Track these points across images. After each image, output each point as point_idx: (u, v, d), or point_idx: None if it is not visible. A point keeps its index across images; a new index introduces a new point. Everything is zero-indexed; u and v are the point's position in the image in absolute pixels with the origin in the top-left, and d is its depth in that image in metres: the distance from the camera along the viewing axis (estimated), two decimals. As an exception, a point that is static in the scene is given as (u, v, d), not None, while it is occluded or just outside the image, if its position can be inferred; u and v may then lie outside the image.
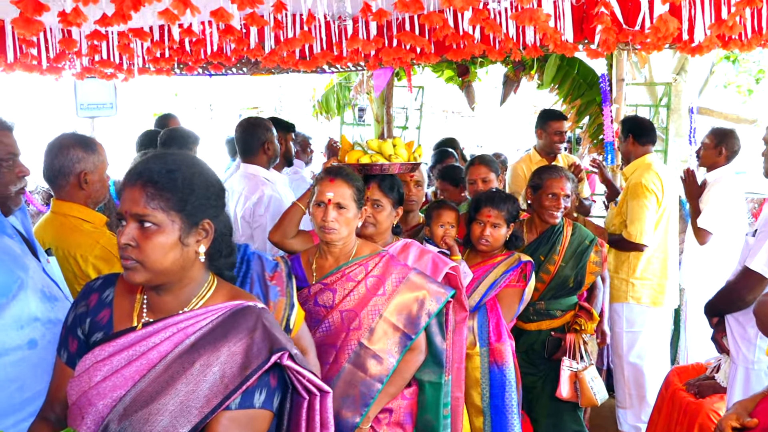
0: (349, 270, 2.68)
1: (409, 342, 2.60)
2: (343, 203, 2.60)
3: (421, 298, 2.63)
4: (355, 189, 2.64)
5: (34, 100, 11.15)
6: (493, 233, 3.42)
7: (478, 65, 6.78)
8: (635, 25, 3.59)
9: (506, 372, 3.32)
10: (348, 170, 2.69)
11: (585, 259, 3.72)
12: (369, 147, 3.15)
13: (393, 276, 2.66)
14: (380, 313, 2.61)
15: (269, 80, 12.46)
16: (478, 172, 4.07)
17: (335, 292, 2.66)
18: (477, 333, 3.36)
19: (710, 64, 9.83)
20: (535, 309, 3.74)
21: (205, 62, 4.88)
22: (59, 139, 2.70)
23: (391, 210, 3.01)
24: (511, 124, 15.43)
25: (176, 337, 1.66)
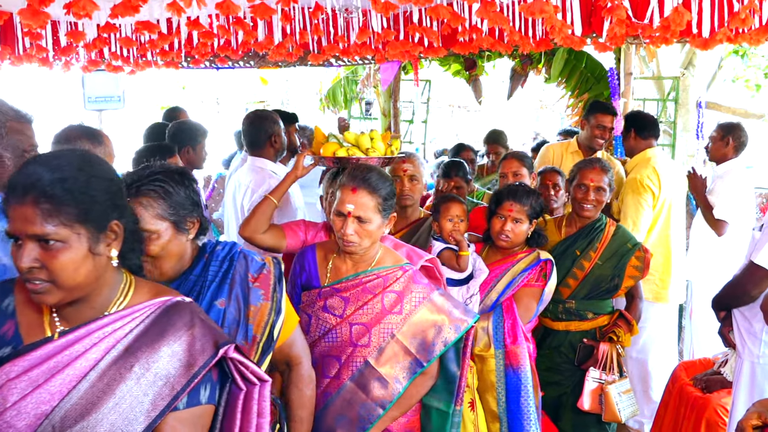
0: (367, 279, 2.47)
1: (419, 369, 2.41)
2: (365, 217, 2.38)
3: (440, 324, 2.44)
4: (381, 199, 2.42)
5: (42, 93, 11.19)
6: (514, 229, 3.23)
7: (486, 59, 6.77)
8: (644, 19, 3.58)
9: (522, 376, 3.16)
10: (375, 177, 2.44)
11: (624, 262, 3.48)
12: (345, 140, 3.01)
13: (413, 294, 2.46)
14: (393, 333, 2.41)
15: (276, 73, 12.46)
16: (510, 166, 4.00)
17: (347, 302, 2.46)
18: (492, 334, 3.19)
19: (718, 58, 9.78)
20: (564, 307, 3.53)
21: (213, 55, 4.89)
22: (66, 130, 2.72)
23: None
24: (518, 118, 15.40)
25: (105, 342, 1.54)
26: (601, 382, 3.40)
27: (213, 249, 2.10)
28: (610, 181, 3.52)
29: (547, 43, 4.19)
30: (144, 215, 1.91)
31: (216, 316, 1.97)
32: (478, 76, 7.08)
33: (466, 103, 15.87)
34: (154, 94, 14.16)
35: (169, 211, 1.95)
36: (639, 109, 5.70)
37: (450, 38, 4.34)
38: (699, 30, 3.70)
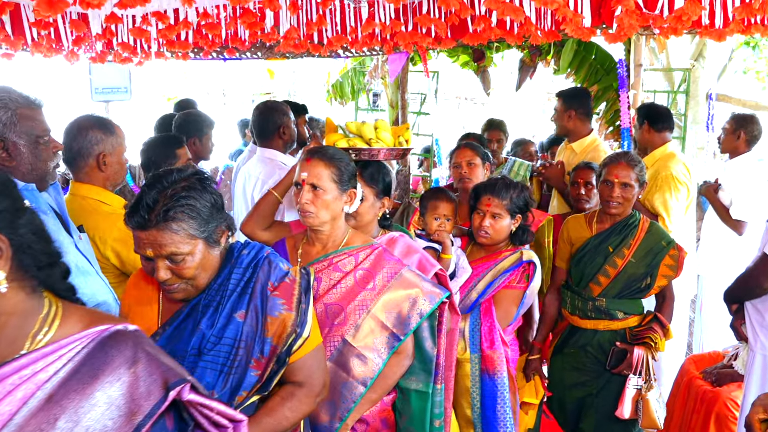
0: (337, 259, 2.46)
1: (397, 343, 2.39)
2: (319, 184, 2.37)
3: (414, 296, 2.43)
4: (335, 169, 2.39)
5: (49, 84, 11.19)
6: (493, 225, 3.14)
7: (494, 50, 6.72)
8: (655, 9, 3.54)
9: (498, 382, 3.07)
10: (331, 150, 2.46)
11: (658, 260, 3.39)
12: (348, 130, 2.86)
13: (384, 270, 2.45)
14: (368, 308, 2.39)
15: (283, 65, 12.43)
16: (464, 155, 3.83)
17: (320, 282, 2.44)
18: (468, 338, 3.10)
19: (729, 50, 9.70)
20: (594, 305, 3.44)
21: (220, 46, 4.87)
22: (78, 120, 2.72)
23: (374, 201, 2.75)
24: (525, 110, 15.34)
25: (21, 390, 1.22)
26: (638, 388, 3.32)
27: (239, 253, 2.02)
28: (638, 176, 3.40)
29: (557, 34, 4.15)
30: (175, 239, 1.83)
31: (235, 329, 1.89)
32: (487, 67, 7.04)
33: (473, 95, 15.80)
34: (160, 86, 14.15)
35: (200, 230, 1.87)
36: (651, 101, 5.65)
37: (459, 29, 4.30)
38: (711, 21, 3.66)
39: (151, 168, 3.41)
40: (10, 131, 2.12)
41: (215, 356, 1.88)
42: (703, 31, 3.88)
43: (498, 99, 12.21)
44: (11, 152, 2.12)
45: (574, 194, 3.98)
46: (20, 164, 2.13)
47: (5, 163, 2.12)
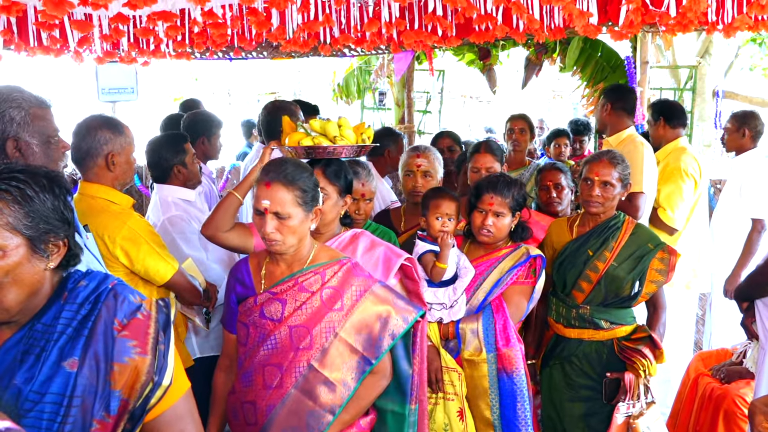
0: (303, 278, 2.30)
1: (368, 367, 2.23)
2: (283, 212, 2.20)
3: (385, 315, 2.27)
4: (299, 191, 2.22)
5: (56, 84, 11.23)
6: (495, 223, 3.02)
7: (500, 48, 6.72)
8: (662, 6, 3.53)
9: (516, 380, 2.96)
10: (290, 169, 2.24)
11: (645, 264, 3.13)
12: (312, 128, 2.76)
13: (353, 288, 2.29)
14: (335, 331, 2.24)
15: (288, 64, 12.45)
16: (484, 161, 3.68)
17: (285, 304, 2.28)
18: (483, 337, 2.97)
19: (736, 47, 9.67)
20: (578, 313, 3.21)
21: (226, 46, 4.88)
22: (87, 120, 2.73)
23: (338, 199, 2.64)
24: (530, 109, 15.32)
25: None
26: (628, 415, 3.06)
27: (75, 285, 1.57)
28: (621, 176, 3.18)
29: (563, 31, 4.14)
30: None
31: (64, 383, 1.46)
32: (493, 65, 7.04)
33: (478, 94, 15.79)
34: (166, 86, 14.18)
35: (24, 222, 1.45)
36: (665, 98, 5.64)
37: (464, 27, 4.30)
38: (717, 17, 3.66)
39: (160, 167, 3.42)
40: (23, 131, 2.12)
41: (36, 419, 1.44)
42: (710, 27, 3.88)
43: (504, 97, 12.19)
44: (24, 151, 2.13)
45: (544, 199, 3.78)
46: (32, 164, 2.14)
47: None
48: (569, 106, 15.35)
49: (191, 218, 3.31)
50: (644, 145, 4.04)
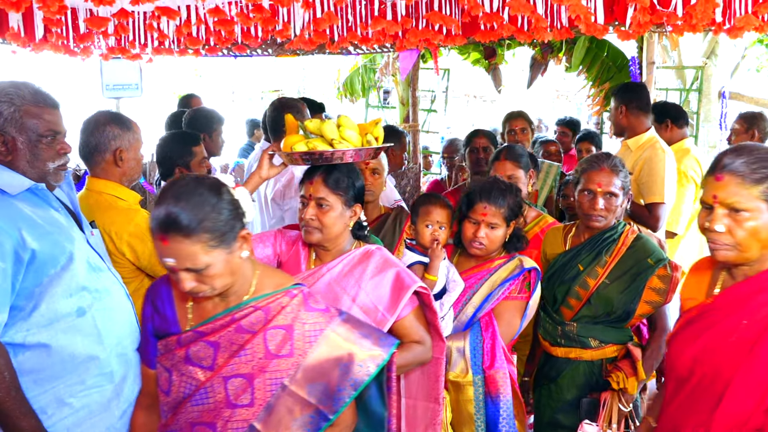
0: (241, 315, 1.89)
1: (324, 423, 1.87)
2: (195, 266, 1.77)
3: (347, 360, 1.89)
4: (207, 234, 1.76)
5: (60, 81, 11.24)
6: (488, 235, 2.73)
7: (505, 47, 6.70)
8: (669, 6, 3.51)
9: (501, 404, 2.65)
10: (185, 213, 1.75)
11: (641, 283, 2.77)
12: (308, 130, 2.44)
13: (307, 327, 1.90)
14: (283, 383, 1.86)
15: (292, 62, 12.45)
16: (504, 168, 3.37)
17: (218, 348, 1.88)
18: (469, 357, 2.66)
19: (742, 47, 9.64)
20: (564, 331, 2.89)
21: (231, 43, 4.87)
22: (95, 116, 2.74)
23: (343, 210, 2.34)
24: (534, 108, 15.30)
25: None
26: None
27: None
28: (623, 183, 2.85)
29: (569, 31, 4.13)
30: None
31: None
32: (498, 64, 7.02)
33: (483, 93, 15.77)
34: (170, 82, 14.19)
35: None
36: (663, 100, 5.63)
37: (470, 26, 4.29)
38: (725, 18, 3.63)
39: (167, 164, 3.42)
40: (10, 126, 2.12)
41: None
42: (717, 28, 3.86)
43: (508, 97, 12.17)
44: (9, 147, 2.13)
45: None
46: (16, 160, 2.13)
47: (2, 158, 2.13)
48: (573, 106, 15.32)
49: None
50: (666, 153, 3.94)
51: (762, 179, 1.78)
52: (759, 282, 1.88)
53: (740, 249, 1.84)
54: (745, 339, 1.84)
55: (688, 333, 2.02)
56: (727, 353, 1.87)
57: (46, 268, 2.02)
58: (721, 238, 1.84)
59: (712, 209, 1.85)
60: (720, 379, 1.86)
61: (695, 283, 2.13)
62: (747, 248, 1.83)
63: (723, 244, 1.85)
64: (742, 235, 1.81)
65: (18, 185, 2.10)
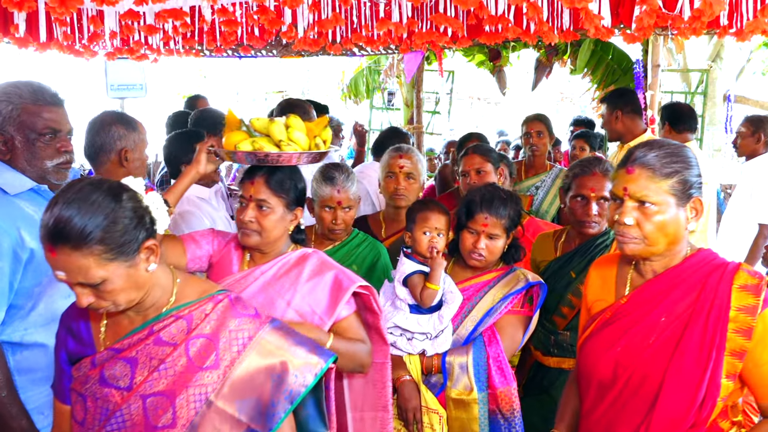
0: (160, 326, 1.70)
1: None
2: (90, 280, 1.55)
3: (279, 371, 1.70)
4: (101, 246, 1.53)
5: (65, 81, 11.27)
6: (489, 246, 2.59)
7: (510, 50, 6.70)
8: (675, 9, 3.51)
9: (515, 424, 2.55)
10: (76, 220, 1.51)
11: None
12: (254, 128, 2.30)
13: (234, 334, 1.71)
14: (208, 398, 1.66)
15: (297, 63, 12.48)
16: (472, 162, 3.37)
17: (135, 365, 1.68)
18: (473, 374, 2.53)
19: (747, 51, 9.63)
20: (557, 340, 2.82)
21: (236, 44, 4.87)
22: (101, 116, 2.75)
23: (284, 213, 2.21)
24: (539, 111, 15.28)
25: None
26: None
27: None
28: None
29: (574, 33, 4.12)
30: None
31: None
32: (503, 66, 7.03)
33: (487, 95, 15.78)
34: (174, 83, 14.22)
35: None
36: (676, 101, 5.61)
37: (475, 28, 4.28)
38: (730, 21, 3.63)
39: (173, 163, 3.43)
40: (9, 124, 2.13)
41: None
42: (722, 31, 3.85)
43: (512, 99, 12.19)
44: (9, 146, 2.15)
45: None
46: (15, 159, 2.15)
47: (2, 157, 2.15)
48: (578, 108, 15.32)
49: (203, 215, 3.31)
50: None
51: (672, 174, 1.80)
52: (671, 277, 1.89)
53: (647, 243, 1.83)
54: (667, 337, 1.84)
55: (604, 336, 1.96)
56: (651, 354, 1.85)
57: (46, 268, 2.01)
58: (630, 231, 1.83)
59: (622, 202, 1.84)
60: (649, 381, 1.84)
61: (601, 283, 2.07)
62: (654, 242, 1.83)
63: (631, 238, 1.83)
64: (649, 229, 1.81)
65: (19, 185, 2.11)
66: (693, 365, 1.79)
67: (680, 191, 1.79)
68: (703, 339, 1.79)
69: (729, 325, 1.78)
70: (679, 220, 1.81)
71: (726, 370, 1.78)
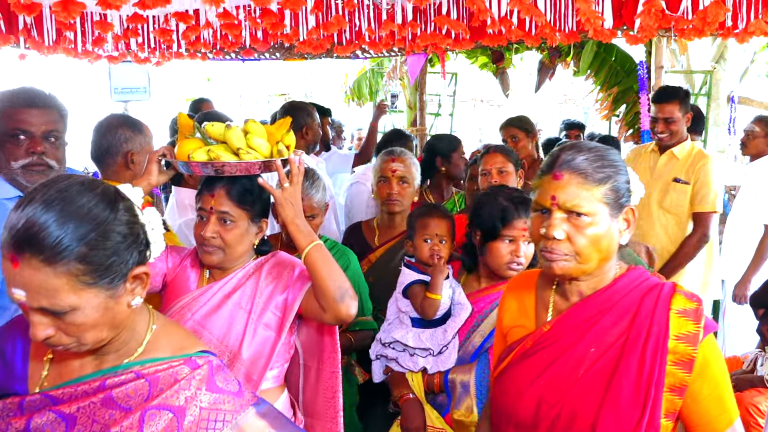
0: (116, 381, 1.33)
1: None
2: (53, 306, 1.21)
3: None
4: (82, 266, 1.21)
5: (69, 84, 11.31)
6: (527, 252, 2.37)
7: (513, 51, 6.71)
8: (678, 11, 3.51)
9: None
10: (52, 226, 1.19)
11: None
12: (209, 134, 2.08)
13: (206, 413, 1.33)
14: None
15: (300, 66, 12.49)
16: (494, 161, 3.34)
17: (72, 425, 1.30)
18: (475, 394, 2.33)
19: (751, 52, 9.62)
20: None
21: (239, 47, 4.89)
22: (107, 119, 2.77)
23: (249, 226, 2.05)
24: (542, 113, 15.28)
25: None
26: None
27: None
28: None
29: (577, 35, 4.13)
30: None
31: None
32: (506, 68, 7.03)
33: (490, 97, 15.77)
34: (178, 86, 14.25)
35: None
36: None
37: (478, 30, 4.29)
38: (734, 22, 3.62)
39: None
40: None
41: None
42: (725, 32, 3.85)
43: (515, 101, 12.19)
44: None
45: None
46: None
47: None
48: (581, 110, 15.31)
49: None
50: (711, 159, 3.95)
51: (605, 179, 1.55)
52: (600, 301, 1.62)
53: (579, 260, 1.56)
54: (598, 371, 1.58)
55: (525, 369, 1.67)
56: (580, 390, 1.58)
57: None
58: (560, 246, 1.55)
59: (548, 213, 1.57)
60: (579, 421, 1.57)
61: (518, 306, 1.79)
62: (587, 259, 1.56)
63: (561, 255, 1.55)
64: (582, 244, 1.54)
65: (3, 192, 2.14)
66: (629, 404, 1.54)
67: (613, 200, 1.55)
68: (640, 373, 1.53)
69: (668, 356, 1.54)
70: (612, 233, 1.56)
71: (665, 408, 1.55)
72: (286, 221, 1.97)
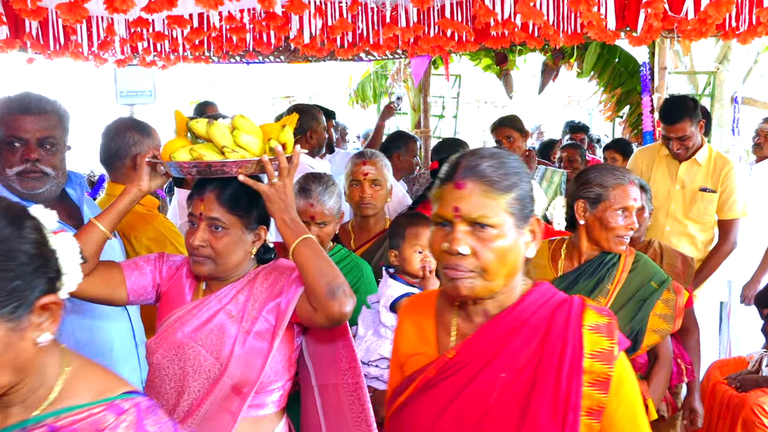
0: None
1: None
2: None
3: None
4: None
5: (75, 88, 11.35)
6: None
7: (517, 53, 6.72)
8: (681, 12, 3.52)
9: None
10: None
11: (647, 309, 2.39)
12: (194, 132, 1.90)
13: None
14: None
15: (304, 68, 12.52)
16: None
17: None
18: None
19: (755, 53, 9.61)
20: None
21: (243, 50, 4.91)
22: (116, 122, 2.80)
23: (243, 233, 1.88)
24: (546, 114, 15.28)
25: None
26: None
27: None
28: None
29: (580, 37, 4.14)
30: None
31: None
32: (509, 70, 7.05)
33: (494, 99, 15.78)
34: (182, 89, 14.29)
35: None
36: None
37: (481, 32, 4.30)
38: (737, 23, 3.63)
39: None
40: None
41: None
42: (728, 33, 3.86)
43: (519, 102, 12.20)
44: None
45: None
46: None
47: None
48: (584, 111, 15.30)
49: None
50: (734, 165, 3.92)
51: (510, 187, 1.40)
52: (509, 320, 1.46)
53: (486, 277, 1.40)
54: (511, 397, 1.42)
55: (428, 402, 1.48)
56: (492, 421, 1.42)
57: None
58: (465, 263, 1.39)
59: (451, 226, 1.41)
60: None
61: (416, 332, 1.59)
62: (494, 275, 1.40)
63: (466, 272, 1.39)
64: (489, 259, 1.38)
65: None
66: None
67: (518, 210, 1.40)
68: (556, 398, 1.39)
69: (584, 377, 1.40)
70: (519, 245, 1.42)
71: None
72: (274, 217, 1.83)
